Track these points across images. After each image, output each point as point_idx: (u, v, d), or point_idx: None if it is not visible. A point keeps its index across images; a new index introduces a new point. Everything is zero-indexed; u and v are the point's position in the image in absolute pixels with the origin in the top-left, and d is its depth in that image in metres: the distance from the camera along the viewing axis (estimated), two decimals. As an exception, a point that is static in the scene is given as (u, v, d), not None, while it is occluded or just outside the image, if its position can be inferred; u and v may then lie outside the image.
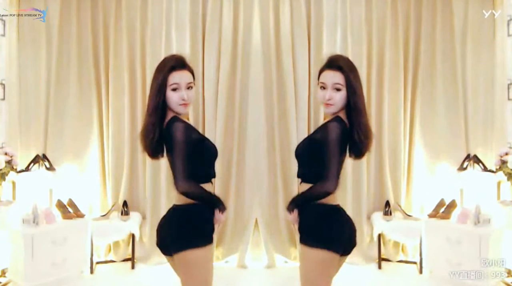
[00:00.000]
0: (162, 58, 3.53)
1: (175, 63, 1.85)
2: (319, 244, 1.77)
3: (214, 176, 1.94)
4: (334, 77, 1.83)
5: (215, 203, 1.87)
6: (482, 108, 3.55)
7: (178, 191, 1.77)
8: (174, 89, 1.82)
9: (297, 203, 1.89)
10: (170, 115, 1.85)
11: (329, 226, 1.81)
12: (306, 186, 1.88)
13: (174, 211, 1.87)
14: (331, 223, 1.82)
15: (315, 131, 1.91)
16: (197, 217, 1.81)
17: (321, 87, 1.88)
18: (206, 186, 1.87)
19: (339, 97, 1.83)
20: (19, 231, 3.05)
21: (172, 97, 1.82)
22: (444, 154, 3.59)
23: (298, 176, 1.96)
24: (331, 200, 1.84)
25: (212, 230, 1.86)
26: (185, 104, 1.84)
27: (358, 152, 1.88)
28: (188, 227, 1.80)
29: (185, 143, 1.76)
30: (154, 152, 1.88)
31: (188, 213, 1.82)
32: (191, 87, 1.88)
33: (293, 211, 1.89)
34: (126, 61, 3.57)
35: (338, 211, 1.88)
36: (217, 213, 1.88)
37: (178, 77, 1.83)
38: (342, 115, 1.85)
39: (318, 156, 1.79)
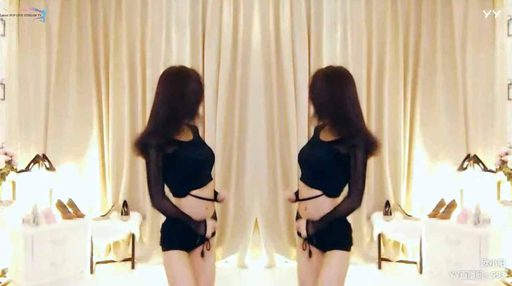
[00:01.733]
0: (162, 58, 3.59)
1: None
2: (349, 246, 1.88)
3: (200, 185, 1.90)
4: None
5: (190, 227, 1.84)
6: (482, 108, 3.55)
7: (152, 206, 1.84)
8: None
9: (323, 224, 1.84)
10: None
11: (349, 228, 1.92)
12: (312, 191, 1.88)
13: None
14: (349, 225, 1.93)
15: (337, 143, 1.83)
16: (176, 223, 1.85)
17: None
18: (202, 191, 1.89)
19: None
20: (19, 231, 3.05)
21: None
22: (444, 154, 3.59)
23: (306, 182, 1.92)
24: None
25: (188, 237, 1.86)
26: None
27: None
28: (165, 230, 1.90)
29: (155, 158, 1.78)
30: None
31: (172, 219, 1.87)
32: None
33: (315, 232, 1.86)
34: (126, 61, 3.57)
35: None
36: (208, 223, 1.87)
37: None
38: None
39: (344, 169, 1.81)
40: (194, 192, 1.86)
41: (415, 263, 3.55)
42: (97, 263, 3.54)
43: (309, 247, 1.90)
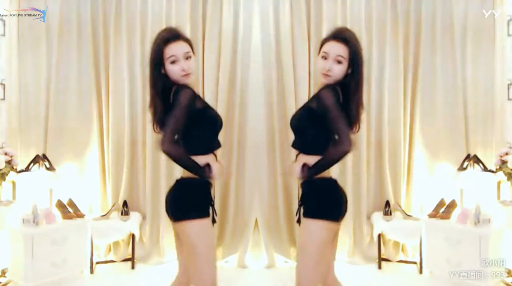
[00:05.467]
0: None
1: (168, 35, 1.85)
2: (323, 215, 1.81)
3: (217, 147, 1.94)
4: (338, 49, 1.81)
5: (196, 171, 1.81)
6: (482, 108, 3.54)
7: (161, 149, 1.76)
8: (173, 62, 1.83)
9: (317, 170, 1.81)
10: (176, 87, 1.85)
11: (331, 198, 1.86)
12: (305, 157, 1.87)
13: (177, 183, 1.91)
14: (333, 195, 1.87)
15: (310, 101, 1.88)
16: (193, 190, 1.84)
17: (322, 57, 1.85)
18: (208, 157, 1.88)
19: (338, 70, 1.82)
20: (19, 231, 3.05)
21: (173, 70, 1.83)
22: (444, 154, 3.59)
23: (296, 147, 1.93)
24: (326, 173, 1.87)
25: (207, 204, 1.87)
26: (187, 75, 1.84)
27: (349, 124, 1.86)
28: (183, 200, 1.85)
29: (186, 108, 1.75)
30: (162, 124, 1.86)
31: (186, 186, 1.86)
32: (190, 57, 1.87)
33: (307, 177, 1.83)
34: (126, 61, 3.57)
35: (335, 183, 1.92)
36: (213, 165, 1.84)
37: (174, 49, 1.83)
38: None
39: (322, 124, 1.79)
40: (215, 152, 1.90)
41: (415, 263, 3.55)
42: (97, 263, 3.54)
43: (299, 213, 1.90)
